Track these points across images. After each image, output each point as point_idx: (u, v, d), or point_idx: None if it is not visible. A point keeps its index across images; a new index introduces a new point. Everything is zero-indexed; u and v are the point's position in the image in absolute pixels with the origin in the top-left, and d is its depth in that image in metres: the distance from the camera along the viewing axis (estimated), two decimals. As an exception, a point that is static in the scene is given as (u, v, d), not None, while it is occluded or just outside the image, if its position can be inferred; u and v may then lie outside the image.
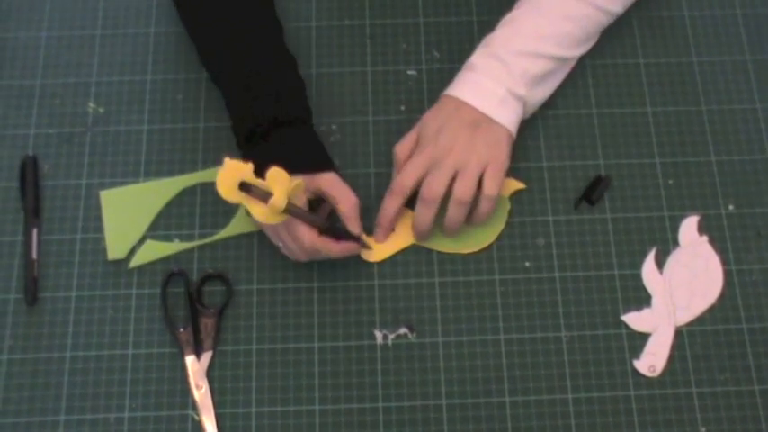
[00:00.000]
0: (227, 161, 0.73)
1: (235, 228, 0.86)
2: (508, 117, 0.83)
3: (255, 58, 0.84)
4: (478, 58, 0.84)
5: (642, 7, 0.96)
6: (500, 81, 0.82)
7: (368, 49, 0.94)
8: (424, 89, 0.92)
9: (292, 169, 0.75)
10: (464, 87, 0.84)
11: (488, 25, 0.88)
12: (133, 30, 0.95)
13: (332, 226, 0.79)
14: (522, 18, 0.85)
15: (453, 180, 0.80)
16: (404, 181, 0.81)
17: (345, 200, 0.79)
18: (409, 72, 0.93)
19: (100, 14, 0.95)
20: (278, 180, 0.73)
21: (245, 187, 0.73)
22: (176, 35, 0.94)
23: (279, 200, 0.73)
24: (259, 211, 0.74)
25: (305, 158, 0.80)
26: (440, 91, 0.87)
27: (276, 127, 0.80)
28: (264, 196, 0.74)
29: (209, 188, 0.87)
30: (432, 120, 0.83)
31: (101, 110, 0.91)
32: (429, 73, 0.93)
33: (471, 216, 0.83)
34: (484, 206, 0.82)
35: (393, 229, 0.85)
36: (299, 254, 0.80)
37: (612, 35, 0.94)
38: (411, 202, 0.83)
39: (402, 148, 0.83)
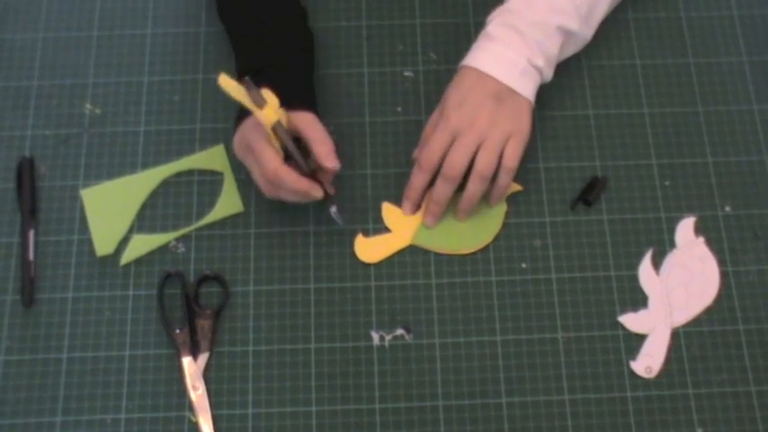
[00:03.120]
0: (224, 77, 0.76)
1: (221, 210, 0.86)
2: (528, 88, 0.83)
3: (269, 11, 0.85)
4: (495, 27, 0.84)
5: (639, 8, 0.96)
6: (520, 51, 0.82)
7: (365, 51, 0.94)
8: (421, 90, 0.92)
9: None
10: (485, 58, 0.83)
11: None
12: (130, 31, 0.94)
13: (311, 169, 0.78)
14: None
15: (475, 153, 0.81)
16: (430, 156, 0.82)
17: (321, 141, 0.78)
18: (406, 73, 0.93)
19: (96, 16, 0.95)
20: (270, 98, 0.75)
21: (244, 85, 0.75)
22: (173, 36, 0.94)
23: (272, 110, 0.75)
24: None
25: (286, 93, 0.78)
26: (437, 92, 0.87)
27: (270, 66, 0.81)
28: (259, 101, 0.75)
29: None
30: (453, 92, 0.83)
31: (97, 111, 0.91)
32: (426, 74, 0.93)
33: (489, 194, 0.84)
34: (502, 179, 0.83)
35: (420, 205, 0.85)
36: (262, 182, 0.79)
37: (609, 36, 0.94)
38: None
39: (429, 129, 0.84)
